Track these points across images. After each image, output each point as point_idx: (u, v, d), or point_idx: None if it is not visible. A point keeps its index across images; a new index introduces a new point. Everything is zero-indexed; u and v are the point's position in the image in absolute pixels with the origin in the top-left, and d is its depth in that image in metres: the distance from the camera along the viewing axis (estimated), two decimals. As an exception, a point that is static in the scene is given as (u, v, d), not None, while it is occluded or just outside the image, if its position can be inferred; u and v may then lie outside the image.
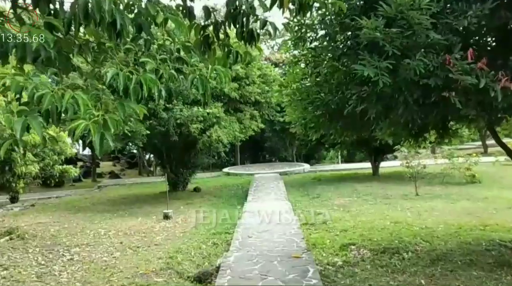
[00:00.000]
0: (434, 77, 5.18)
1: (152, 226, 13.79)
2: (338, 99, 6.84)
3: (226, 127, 18.78)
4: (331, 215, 13.85)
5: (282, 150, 41.06)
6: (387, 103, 5.91)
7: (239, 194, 20.41)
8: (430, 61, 5.11)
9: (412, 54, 5.19)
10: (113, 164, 43.22)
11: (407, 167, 18.00)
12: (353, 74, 6.22)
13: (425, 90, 5.43)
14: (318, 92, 7.39)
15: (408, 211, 14.08)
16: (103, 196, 22.75)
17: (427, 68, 5.10)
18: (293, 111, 8.90)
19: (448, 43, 5.20)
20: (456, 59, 5.02)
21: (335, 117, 7.47)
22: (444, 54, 5.17)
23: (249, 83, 20.29)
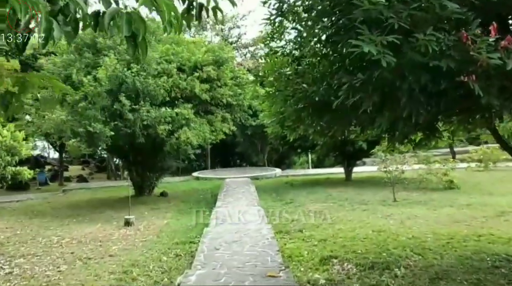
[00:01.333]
0: (447, 59, 4.25)
1: (110, 234, 12.68)
2: (324, 90, 5.87)
3: (196, 128, 17.71)
4: (307, 222, 12.94)
5: (253, 155, 40.48)
6: (387, 93, 4.96)
7: (208, 199, 19.34)
8: (442, 39, 4.18)
9: (420, 31, 4.24)
10: (82, 167, 41.86)
11: (385, 171, 17.17)
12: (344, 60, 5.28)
13: (434, 75, 4.50)
14: (300, 83, 6.39)
15: (390, 218, 13.26)
16: (66, 200, 21.45)
17: (440, 46, 4.16)
18: (269, 106, 7.86)
19: (464, 17, 4.27)
20: (475, 36, 4.09)
21: (319, 112, 6.50)
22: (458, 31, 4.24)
23: (221, 85, 19.28)
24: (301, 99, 6.42)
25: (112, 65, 15.95)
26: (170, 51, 18.27)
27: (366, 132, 8.09)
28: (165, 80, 17.00)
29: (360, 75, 4.85)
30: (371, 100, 5.00)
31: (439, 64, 4.32)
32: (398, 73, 4.63)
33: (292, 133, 8.69)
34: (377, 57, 4.14)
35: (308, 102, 6.34)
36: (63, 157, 36.24)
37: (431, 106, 4.99)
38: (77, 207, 18.87)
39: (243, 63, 35.17)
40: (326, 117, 6.45)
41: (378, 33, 4.26)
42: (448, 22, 4.37)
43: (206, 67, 18.45)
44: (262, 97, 7.75)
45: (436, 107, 5.06)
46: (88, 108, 15.51)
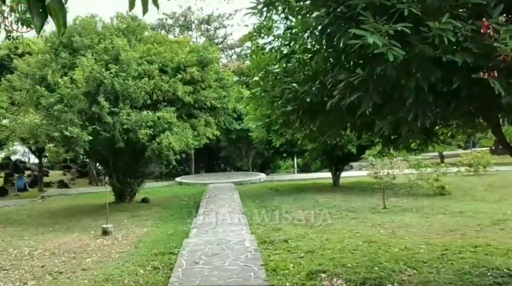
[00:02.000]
0: (463, 52, 3.65)
1: (86, 244, 11.99)
2: (316, 89, 5.23)
3: (179, 133, 16.96)
4: (293, 231, 12.33)
5: (238, 159, 39.93)
6: (389, 92, 4.34)
7: (190, 205, 18.62)
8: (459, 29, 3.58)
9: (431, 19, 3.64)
10: (63, 173, 40.70)
11: (375, 177, 16.58)
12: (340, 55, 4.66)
13: (446, 71, 3.89)
14: (289, 82, 5.75)
15: (380, 227, 12.72)
16: (44, 207, 20.59)
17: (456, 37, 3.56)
18: (254, 109, 7.18)
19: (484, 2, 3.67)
20: (498, 25, 3.49)
21: (311, 115, 5.88)
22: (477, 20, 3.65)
23: (205, 87, 18.52)
24: (290, 100, 5.77)
25: (89, 66, 15.19)
26: (152, 51, 17.52)
27: (362, 138, 7.51)
28: (146, 82, 16.26)
29: (360, 71, 4.23)
30: (371, 100, 4.38)
31: (453, 58, 3.72)
32: (404, 69, 4.02)
33: (278, 139, 8.07)
34: (382, 49, 3.53)
35: (298, 104, 5.70)
36: (44, 162, 35.29)
37: (439, 107, 4.38)
38: (54, 214, 18.08)
39: (228, 64, 34.46)
40: (318, 120, 5.82)
41: (384, 22, 3.64)
42: (466, 9, 3.77)
43: (190, 68, 17.70)
44: (246, 99, 7.06)
45: (444, 109, 4.46)
46: (64, 111, 14.72)
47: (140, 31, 18.42)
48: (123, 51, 16.12)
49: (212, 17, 38.31)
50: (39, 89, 14.95)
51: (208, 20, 37.78)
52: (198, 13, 38.57)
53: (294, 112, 5.97)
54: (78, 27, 17.21)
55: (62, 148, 15.56)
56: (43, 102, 14.62)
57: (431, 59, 3.86)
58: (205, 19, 37.97)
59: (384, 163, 16.97)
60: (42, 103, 14.62)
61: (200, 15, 38.39)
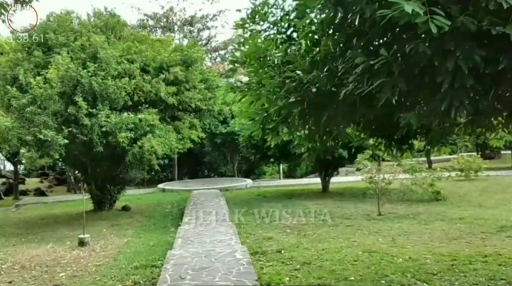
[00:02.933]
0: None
1: (61, 256, 11.10)
2: (325, 77, 4.41)
3: (161, 137, 16.05)
4: (285, 240, 11.55)
5: (222, 165, 39.05)
6: (418, 78, 3.55)
7: (174, 213, 17.69)
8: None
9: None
10: (40, 180, 39.16)
11: (370, 182, 15.82)
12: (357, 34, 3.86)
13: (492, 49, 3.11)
14: (292, 70, 4.94)
15: (378, 235, 12.02)
16: (18, 217, 19.46)
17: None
18: (249, 102, 6.32)
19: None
20: None
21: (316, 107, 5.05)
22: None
23: (189, 88, 17.58)
24: (292, 91, 4.96)
25: (64, 64, 14.21)
26: (132, 50, 16.56)
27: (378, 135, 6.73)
28: (126, 82, 15.32)
29: (384, 52, 3.43)
30: (395, 87, 3.59)
31: (504, 30, 2.95)
32: (440, 47, 3.23)
33: (274, 138, 7.23)
34: (422, 19, 2.74)
35: (302, 95, 4.89)
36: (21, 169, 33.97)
37: (478, 94, 3.60)
38: (28, 224, 17.03)
39: (213, 67, 33.55)
40: (326, 114, 5.00)
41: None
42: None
43: (173, 68, 16.76)
44: (239, 92, 6.15)
45: (483, 97, 3.68)
46: (38, 113, 13.71)
47: (119, 28, 17.43)
48: (101, 49, 15.16)
49: (196, 18, 37.35)
50: (10, 90, 13.93)
51: (191, 22, 36.75)
52: (180, 14, 37.58)
53: (297, 104, 5.13)
54: (52, 24, 16.18)
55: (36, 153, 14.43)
56: (14, 104, 13.59)
57: (472, 34, 3.08)
58: (188, 21, 36.96)
59: (378, 167, 16.24)
60: (13, 104, 13.58)
61: (183, 16, 37.37)
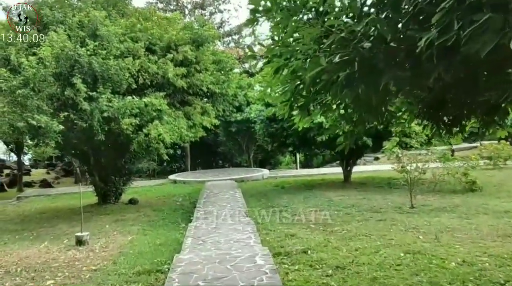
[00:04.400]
0: None
1: (54, 258, 9.70)
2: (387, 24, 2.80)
3: (170, 123, 14.45)
4: (310, 238, 10.02)
5: (237, 155, 37.70)
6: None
7: (185, 207, 16.15)
8: None
9: None
10: (47, 171, 38.00)
11: (401, 171, 14.13)
12: None
13: None
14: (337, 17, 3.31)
15: (416, 231, 10.43)
16: (17, 210, 18.10)
17: None
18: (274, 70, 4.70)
19: None
20: None
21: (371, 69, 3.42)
22: None
23: (201, 69, 15.96)
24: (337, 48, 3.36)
25: (60, 42, 12.64)
26: (137, 27, 14.94)
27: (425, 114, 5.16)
28: (130, 62, 13.72)
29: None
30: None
31: None
32: None
33: (305, 117, 5.65)
34: None
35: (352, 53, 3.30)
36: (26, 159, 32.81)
37: None
38: (26, 218, 15.68)
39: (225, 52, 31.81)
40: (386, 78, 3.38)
41: None
42: None
43: (182, 47, 15.14)
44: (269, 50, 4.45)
45: None
46: (30, 96, 12.17)
47: (122, 5, 15.82)
48: (102, 26, 13.58)
49: (207, 1, 35.58)
50: (0, 71, 12.37)
51: (202, 4, 34.96)
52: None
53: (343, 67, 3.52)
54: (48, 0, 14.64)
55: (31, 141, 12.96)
56: (3, 86, 12.03)
57: None
58: (199, 3, 35.17)
59: (411, 156, 14.56)
60: (3, 87, 12.03)
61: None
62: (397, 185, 18.54)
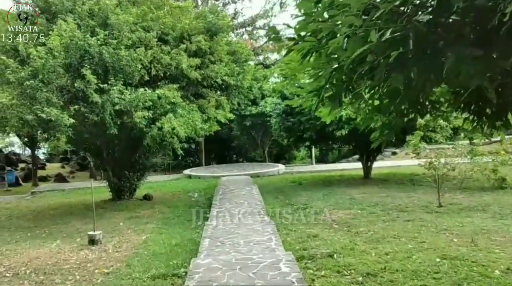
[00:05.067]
0: None
1: (65, 258, 9.22)
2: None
3: (184, 116, 13.85)
4: (335, 239, 9.41)
5: (251, 150, 36.94)
6: None
7: (201, 203, 15.51)
8: None
9: None
10: (61, 165, 37.66)
11: (429, 168, 13.36)
12: None
13: None
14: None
15: (449, 233, 9.71)
16: (31, 206, 17.66)
17: None
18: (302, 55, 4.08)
19: None
20: None
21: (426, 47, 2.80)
22: None
23: (215, 61, 15.32)
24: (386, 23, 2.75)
25: (69, 31, 12.08)
26: (149, 16, 14.29)
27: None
28: (142, 53, 13.11)
29: None
30: None
31: None
32: None
33: (335, 108, 5.00)
34: None
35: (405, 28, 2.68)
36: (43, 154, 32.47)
37: None
38: (39, 215, 15.22)
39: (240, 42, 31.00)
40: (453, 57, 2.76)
41: None
42: None
43: (196, 36, 14.49)
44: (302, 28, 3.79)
45: None
46: (40, 88, 11.66)
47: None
48: (112, 14, 13.00)
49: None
50: (8, 62, 11.84)
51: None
52: (205, -13, 34.96)
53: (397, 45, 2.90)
54: (58, -12, 14.11)
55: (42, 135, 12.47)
56: (11, 77, 11.50)
57: None
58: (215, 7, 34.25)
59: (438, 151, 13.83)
60: (11, 79, 11.51)
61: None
62: (420, 181, 17.79)
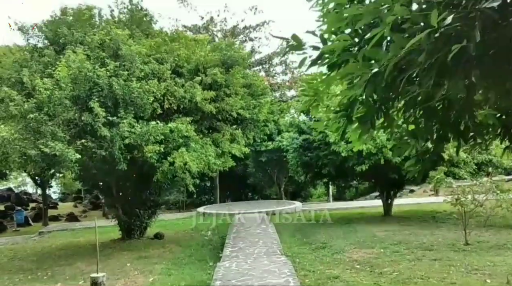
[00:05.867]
0: None
1: (63, 305, 8.37)
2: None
3: (197, 150, 13.21)
4: (358, 281, 8.64)
5: (267, 187, 36.25)
6: None
7: (214, 242, 14.67)
8: None
9: None
10: (74, 204, 37.03)
11: (455, 204, 12.48)
12: None
13: None
14: None
15: (481, 273, 9.03)
16: (37, 246, 17.01)
17: None
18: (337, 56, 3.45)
19: None
20: None
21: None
22: None
23: (230, 93, 14.76)
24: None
25: (78, 61, 11.59)
26: (162, 48, 13.86)
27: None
28: (155, 85, 12.59)
29: None
30: None
31: None
32: None
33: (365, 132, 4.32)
34: None
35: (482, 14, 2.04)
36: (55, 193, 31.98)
37: None
38: (44, 256, 14.57)
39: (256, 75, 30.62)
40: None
41: None
42: None
43: (211, 69, 13.95)
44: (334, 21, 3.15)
45: None
46: (44, 121, 11.11)
47: (146, 25, 14.79)
48: (123, 45, 12.55)
49: (237, 29, 34.69)
50: (10, 93, 11.32)
51: (233, 33, 34.01)
52: (221, 24, 34.71)
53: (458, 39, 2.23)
54: (68, 18, 13.73)
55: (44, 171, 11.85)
56: (14, 111, 10.94)
57: None
58: (230, 31, 34.25)
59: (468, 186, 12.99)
60: (13, 112, 10.95)
61: (224, 27, 34.74)
62: (443, 218, 17.15)
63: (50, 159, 11.15)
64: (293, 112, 29.90)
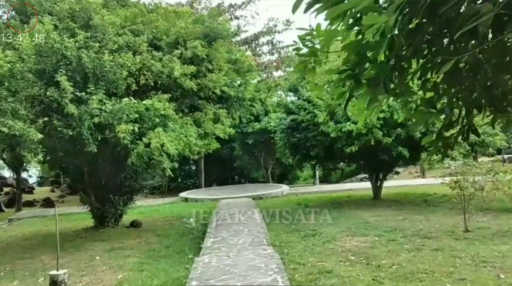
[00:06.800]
0: None
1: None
2: None
3: (176, 131, 12.03)
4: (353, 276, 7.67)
5: (253, 170, 35.34)
6: None
7: (195, 230, 13.62)
8: None
9: None
10: (51, 189, 35.64)
11: (454, 187, 11.43)
12: None
13: None
14: None
15: (491, 266, 8.06)
16: (3, 235, 15.78)
17: None
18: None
19: None
20: None
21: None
22: None
23: (213, 69, 13.53)
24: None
25: (44, 32, 10.32)
26: (139, 19, 12.59)
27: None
28: (129, 59, 11.37)
29: None
30: None
31: None
32: None
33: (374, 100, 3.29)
34: None
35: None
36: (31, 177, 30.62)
37: None
38: (7, 247, 13.36)
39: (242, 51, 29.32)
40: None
41: None
42: None
43: (192, 41, 12.74)
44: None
45: None
46: (4, 97, 9.86)
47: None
48: (96, 14, 11.27)
49: (222, 6, 33.31)
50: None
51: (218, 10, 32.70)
52: (206, 2, 33.55)
53: None
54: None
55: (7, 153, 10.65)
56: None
57: None
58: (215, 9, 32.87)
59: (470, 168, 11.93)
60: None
61: (209, 5, 33.40)
62: (435, 202, 16.37)
63: (9, 140, 9.92)
64: (281, 93, 28.88)
